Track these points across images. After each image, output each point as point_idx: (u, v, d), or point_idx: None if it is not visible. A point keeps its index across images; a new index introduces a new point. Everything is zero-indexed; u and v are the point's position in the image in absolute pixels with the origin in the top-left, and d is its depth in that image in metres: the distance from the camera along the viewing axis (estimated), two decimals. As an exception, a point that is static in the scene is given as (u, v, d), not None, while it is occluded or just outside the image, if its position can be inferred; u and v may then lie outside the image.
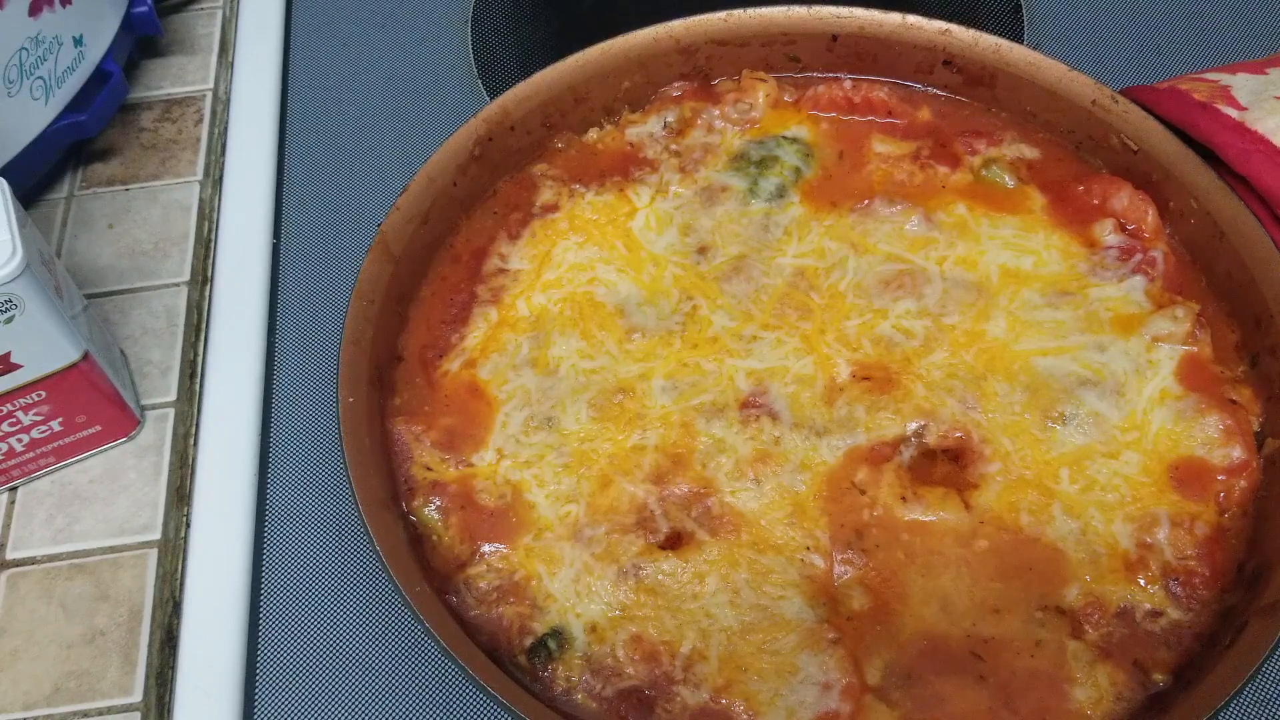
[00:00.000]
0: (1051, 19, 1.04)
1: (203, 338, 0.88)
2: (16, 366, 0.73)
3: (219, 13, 1.10)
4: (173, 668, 0.73)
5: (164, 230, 0.95)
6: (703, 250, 0.83)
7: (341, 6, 1.09)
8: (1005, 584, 0.69)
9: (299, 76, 1.03)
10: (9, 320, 0.70)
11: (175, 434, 0.84)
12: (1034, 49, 0.86)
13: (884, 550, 0.70)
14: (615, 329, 0.79)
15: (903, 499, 0.71)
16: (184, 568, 0.77)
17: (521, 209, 0.85)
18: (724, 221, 0.84)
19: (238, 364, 0.85)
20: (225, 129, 1.00)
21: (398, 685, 0.72)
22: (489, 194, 0.87)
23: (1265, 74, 0.88)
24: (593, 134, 0.89)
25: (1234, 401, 0.73)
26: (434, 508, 0.72)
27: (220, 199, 0.95)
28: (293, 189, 0.96)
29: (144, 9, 0.98)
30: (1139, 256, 0.79)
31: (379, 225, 0.79)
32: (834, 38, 0.89)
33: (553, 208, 0.85)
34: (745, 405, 0.75)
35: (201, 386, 0.85)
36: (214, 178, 0.98)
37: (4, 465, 0.79)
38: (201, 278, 0.92)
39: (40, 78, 0.88)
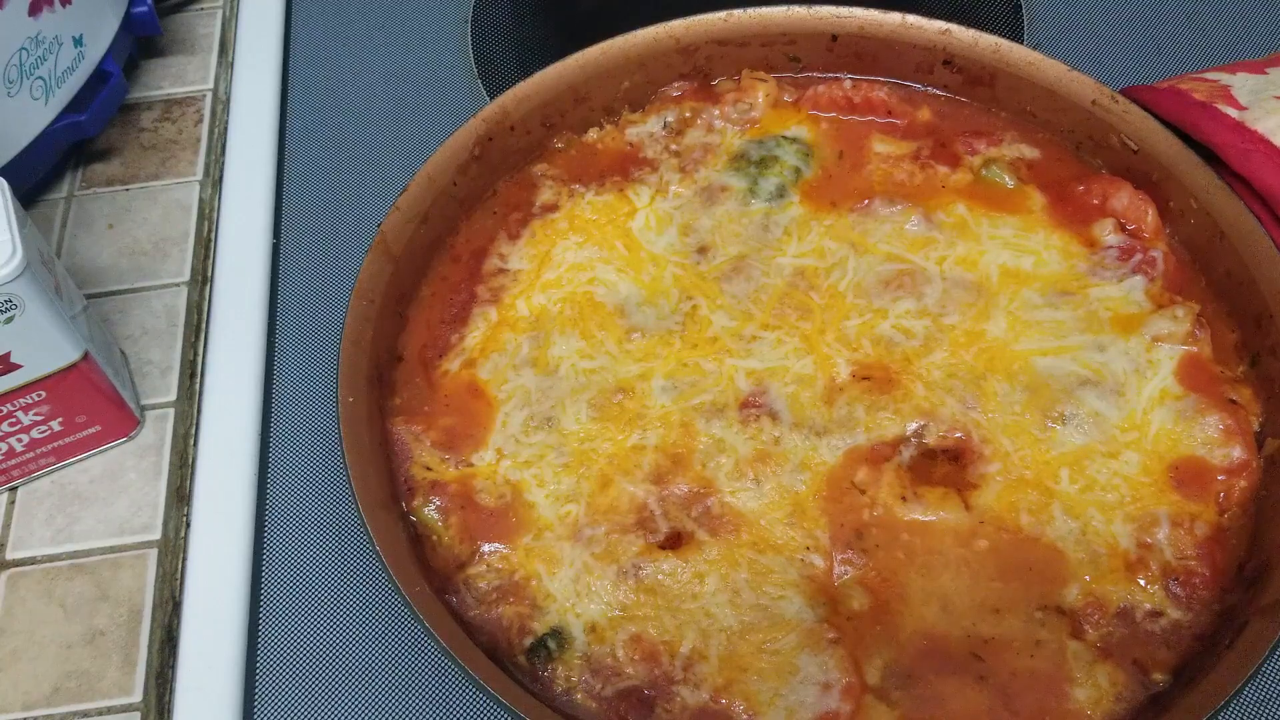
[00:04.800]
0: (1051, 19, 1.04)
1: (203, 338, 0.88)
2: (16, 366, 0.73)
3: (219, 13, 1.10)
4: (173, 668, 0.73)
5: (164, 230, 0.95)
6: (703, 250, 0.83)
7: (341, 6, 1.09)
8: (1005, 584, 0.69)
9: (299, 76, 1.04)
10: (9, 320, 0.70)
11: (175, 434, 0.84)
12: (1034, 49, 0.86)
13: (884, 550, 0.70)
14: (615, 329, 0.79)
15: (903, 499, 0.71)
16: (184, 568, 0.77)
17: (521, 209, 0.85)
18: (724, 221, 0.84)
19: (238, 364, 0.85)
20: (225, 129, 1.00)
21: (398, 685, 0.72)
22: (489, 194, 0.87)
23: (1265, 74, 0.88)
24: (592, 134, 0.89)
25: (1234, 401, 0.73)
26: (434, 508, 0.72)
27: (220, 199, 0.95)
28: (293, 189, 0.96)
29: (144, 9, 0.98)
30: (1139, 256, 0.79)
31: (379, 225, 0.79)
32: (834, 38, 0.90)
33: (552, 208, 0.85)
34: (745, 405, 0.75)
35: (201, 386, 0.85)
36: (214, 178, 0.98)
37: (4, 465, 0.79)
38: (201, 278, 0.92)
39: (40, 78, 0.88)
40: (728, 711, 0.65)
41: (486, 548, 0.71)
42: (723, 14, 0.89)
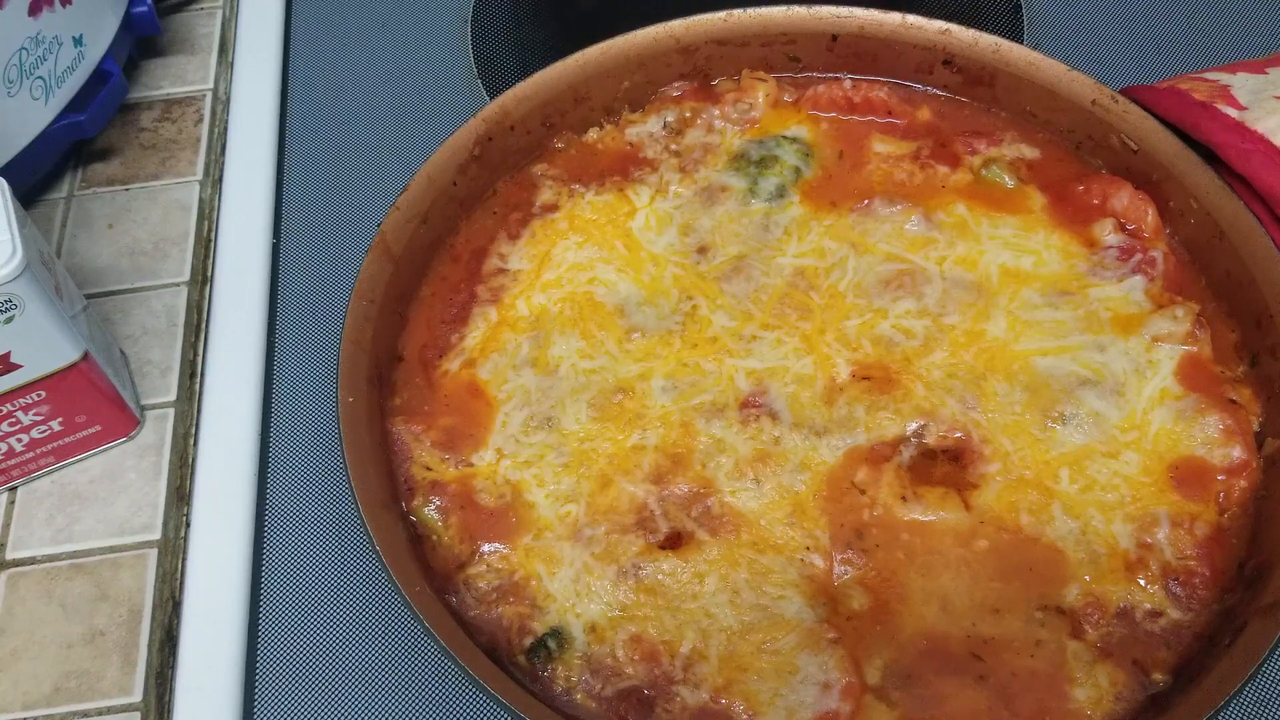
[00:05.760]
0: (1051, 19, 1.04)
1: (203, 338, 0.88)
2: (16, 366, 0.73)
3: (219, 13, 1.10)
4: (173, 668, 0.74)
5: (164, 230, 0.95)
6: (703, 250, 0.83)
7: (341, 6, 1.09)
8: (1005, 584, 0.69)
9: (299, 76, 1.03)
10: (9, 320, 0.70)
11: (175, 434, 0.84)
12: (1034, 49, 0.86)
13: (884, 550, 0.70)
14: (615, 329, 0.79)
15: (903, 499, 0.71)
16: (184, 568, 0.77)
17: (521, 209, 0.85)
18: (724, 221, 0.84)
19: (238, 364, 0.85)
20: (225, 129, 1.00)
21: (398, 685, 0.72)
22: (489, 194, 0.87)
23: (1265, 74, 0.88)
24: (592, 134, 0.89)
25: (1234, 401, 0.73)
26: (434, 508, 0.72)
27: (220, 199, 0.95)
28: (293, 189, 0.96)
29: (144, 9, 0.98)
30: (1139, 256, 0.79)
31: (379, 225, 0.79)
32: (834, 38, 0.90)
33: (552, 207, 0.85)
34: (745, 405, 0.75)
35: (201, 386, 0.85)
36: (214, 178, 0.98)
37: (4, 465, 0.79)
38: (201, 278, 0.92)
39: (40, 78, 0.88)
40: (728, 711, 0.65)
41: (486, 548, 0.71)
42: (723, 14, 0.89)
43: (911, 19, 0.88)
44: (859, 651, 0.67)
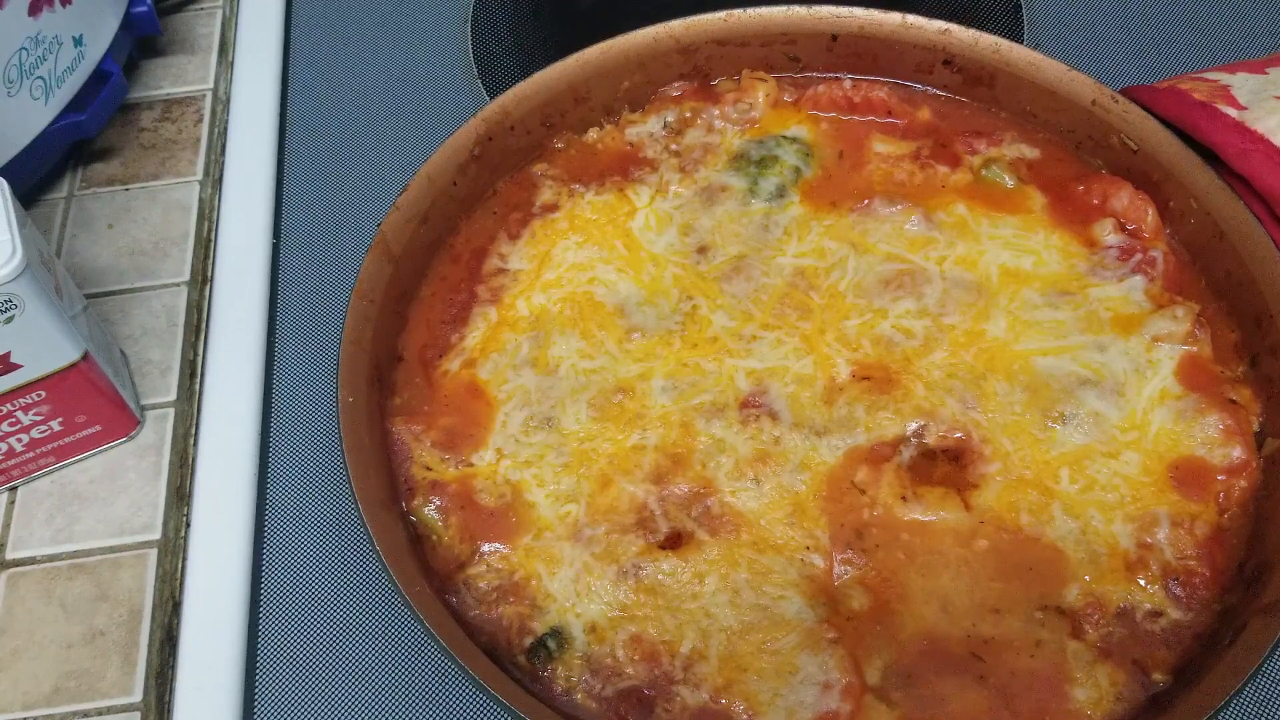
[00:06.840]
0: (1051, 19, 1.04)
1: (203, 338, 0.88)
2: (16, 366, 0.73)
3: (219, 13, 1.10)
4: (173, 668, 0.74)
5: (164, 230, 0.95)
6: (703, 250, 0.83)
7: (341, 6, 1.09)
8: (1005, 584, 0.69)
9: (299, 76, 1.04)
10: (9, 320, 0.70)
11: (175, 434, 0.84)
12: (1034, 49, 0.86)
13: (884, 550, 0.70)
14: (615, 329, 0.79)
15: (903, 499, 0.71)
16: (184, 568, 0.77)
17: (521, 209, 0.85)
18: (724, 221, 0.84)
19: (238, 364, 0.85)
20: (225, 129, 1.00)
21: (398, 685, 0.72)
22: (489, 194, 0.87)
23: (1265, 74, 0.88)
24: (592, 134, 0.89)
25: (1234, 401, 0.73)
26: (434, 508, 0.72)
27: (220, 199, 0.95)
28: (293, 189, 0.96)
29: (144, 9, 0.98)
30: (1139, 256, 0.79)
31: (379, 225, 0.79)
32: (834, 38, 0.90)
33: (552, 207, 0.85)
34: (745, 405, 0.75)
35: (201, 386, 0.85)
36: (214, 178, 0.98)
37: (4, 465, 0.79)
38: (201, 278, 0.92)
39: (40, 78, 0.88)
40: (728, 711, 0.65)
41: (486, 548, 0.71)
42: (723, 14, 0.89)
43: (911, 19, 0.88)
44: (859, 651, 0.67)
